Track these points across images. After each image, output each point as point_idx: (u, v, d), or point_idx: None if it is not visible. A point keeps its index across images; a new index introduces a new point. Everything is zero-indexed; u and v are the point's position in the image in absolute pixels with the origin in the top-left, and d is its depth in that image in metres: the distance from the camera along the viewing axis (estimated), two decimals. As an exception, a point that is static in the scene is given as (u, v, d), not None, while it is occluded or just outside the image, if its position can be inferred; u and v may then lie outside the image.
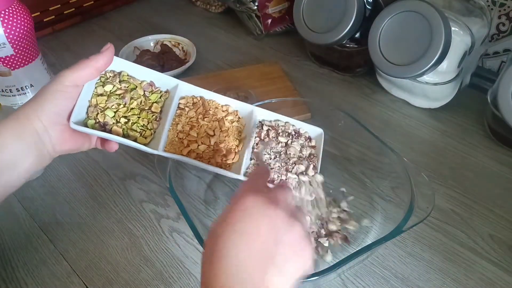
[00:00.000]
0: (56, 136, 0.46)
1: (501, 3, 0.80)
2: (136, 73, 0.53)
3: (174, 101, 0.54)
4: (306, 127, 0.62)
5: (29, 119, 0.44)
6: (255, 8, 0.98)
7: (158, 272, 0.57)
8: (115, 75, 0.52)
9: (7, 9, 0.67)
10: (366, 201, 0.63)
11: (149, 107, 0.53)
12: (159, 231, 0.61)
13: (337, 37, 0.81)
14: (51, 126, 0.46)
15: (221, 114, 0.57)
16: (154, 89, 0.54)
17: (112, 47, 0.49)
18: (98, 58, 0.47)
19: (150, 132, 0.52)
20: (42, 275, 0.56)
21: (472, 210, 0.64)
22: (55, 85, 0.45)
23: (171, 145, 0.54)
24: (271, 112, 0.61)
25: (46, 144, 0.46)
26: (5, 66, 0.70)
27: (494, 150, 0.73)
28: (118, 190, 0.67)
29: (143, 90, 0.53)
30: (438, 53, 0.69)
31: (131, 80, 0.53)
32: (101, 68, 0.48)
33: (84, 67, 0.46)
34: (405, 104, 0.83)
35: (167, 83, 0.55)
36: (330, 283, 0.55)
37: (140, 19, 1.10)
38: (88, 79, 0.48)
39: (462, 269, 0.57)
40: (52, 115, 0.45)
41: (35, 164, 0.46)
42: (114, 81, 0.51)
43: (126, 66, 0.53)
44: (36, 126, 0.45)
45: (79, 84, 0.47)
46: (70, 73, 0.46)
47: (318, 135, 0.63)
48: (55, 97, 0.45)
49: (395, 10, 0.73)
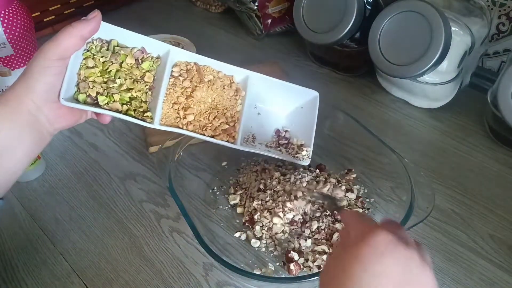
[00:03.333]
0: (52, 113, 0.44)
1: (501, 3, 0.80)
2: (125, 39, 0.50)
3: (166, 69, 0.51)
4: (300, 90, 0.60)
5: (20, 101, 0.42)
6: (255, 8, 0.98)
7: (158, 272, 0.57)
8: (103, 43, 0.49)
9: (7, 9, 0.67)
10: (366, 201, 0.63)
11: (141, 77, 0.50)
12: (159, 231, 0.61)
13: (337, 37, 0.81)
14: (44, 104, 0.43)
15: (218, 82, 0.55)
16: (145, 55, 0.51)
17: (99, 14, 0.45)
18: (84, 25, 0.44)
19: (146, 105, 0.50)
20: (42, 275, 0.56)
21: (472, 210, 0.64)
22: (41, 61, 0.42)
23: (166, 117, 0.51)
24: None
25: (43, 123, 0.44)
26: (5, 66, 0.70)
27: (494, 150, 0.73)
28: (118, 190, 0.67)
29: (133, 58, 0.50)
30: (438, 53, 0.69)
31: (121, 51, 0.49)
32: (87, 36, 0.45)
33: (68, 37, 0.43)
34: (405, 104, 0.83)
35: (158, 49, 0.52)
36: (330, 283, 0.55)
37: (140, 19, 1.09)
38: (74, 50, 0.44)
39: (462, 269, 0.57)
40: (43, 93, 0.43)
41: (35, 145, 0.45)
42: (103, 52, 0.48)
43: (113, 31, 0.49)
44: (28, 107, 0.43)
45: (66, 57, 0.44)
46: (54, 46, 0.42)
47: (313, 99, 0.61)
48: (43, 74, 0.43)
49: (395, 10, 0.73)
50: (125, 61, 0.49)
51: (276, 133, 0.60)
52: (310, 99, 0.61)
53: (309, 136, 0.60)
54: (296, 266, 0.54)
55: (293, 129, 0.61)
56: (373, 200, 0.63)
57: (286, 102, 0.61)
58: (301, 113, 0.62)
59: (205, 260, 0.58)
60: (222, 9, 1.12)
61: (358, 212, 0.40)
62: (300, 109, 0.62)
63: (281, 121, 0.62)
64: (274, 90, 0.59)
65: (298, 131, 0.61)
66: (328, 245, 0.56)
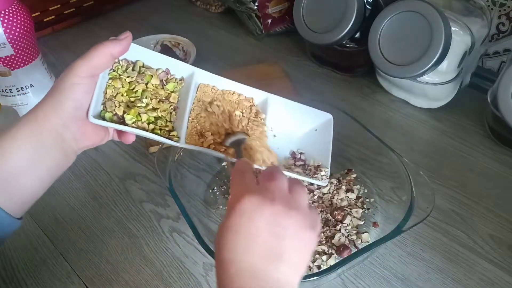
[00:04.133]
0: (78, 131, 0.44)
1: (501, 3, 0.80)
2: (150, 60, 0.51)
3: (191, 91, 0.52)
4: (314, 112, 0.61)
5: (47, 118, 0.42)
6: (255, 8, 0.98)
7: (158, 272, 0.57)
8: (128, 64, 0.49)
9: (7, 9, 0.67)
10: (366, 201, 0.63)
11: (166, 97, 0.51)
12: (159, 231, 0.61)
13: (337, 37, 0.81)
14: (71, 121, 0.43)
15: (241, 105, 0.56)
16: (169, 77, 0.52)
17: (131, 35, 0.45)
18: (115, 45, 0.44)
19: (171, 125, 0.50)
20: (42, 275, 0.56)
21: (472, 210, 0.64)
22: (71, 78, 0.42)
23: (190, 136, 0.51)
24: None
25: (68, 141, 0.43)
26: (5, 66, 0.70)
27: (494, 150, 0.73)
28: (118, 190, 0.67)
29: (158, 79, 0.51)
30: (438, 53, 0.69)
31: (147, 72, 0.50)
32: (116, 56, 0.45)
33: (99, 55, 0.43)
34: (405, 104, 0.83)
35: (182, 70, 0.53)
36: (330, 283, 0.55)
37: (140, 19, 1.10)
38: (104, 68, 0.45)
39: (462, 269, 0.57)
40: (71, 110, 0.42)
41: (58, 164, 0.44)
42: (129, 72, 0.49)
43: (139, 52, 0.50)
44: (55, 124, 0.42)
45: (95, 75, 0.44)
46: (84, 63, 0.42)
47: (327, 121, 0.61)
48: (72, 92, 0.42)
49: (395, 10, 0.73)
50: (150, 81, 0.50)
51: (292, 155, 0.61)
52: (324, 122, 0.61)
53: (326, 157, 0.60)
54: (296, 266, 0.54)
55: (308, 151, 0.61)
56: (373, 200, 0.63)
57: (300, 124, 0.62)
58: (315, 136, 0.62)
59: (205, 260, 0.58)
60: (222, 9, 1.12)
61: (243, 166, 0.41)
62: (314, 132, 0.62)
63: (295, 143, 0.62)
64: (289, 112, 0.60)
65: (313, 152, 0.61)
66: (328, 245, 0.56)
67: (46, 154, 0.43)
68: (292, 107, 0.59)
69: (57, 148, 0.43)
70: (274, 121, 0.59)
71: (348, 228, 0.58)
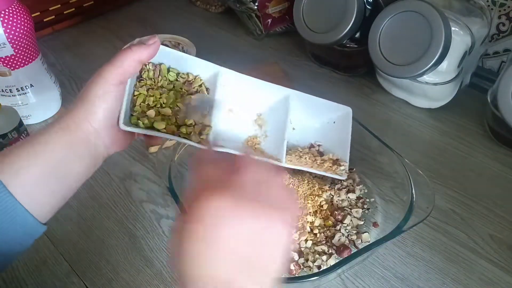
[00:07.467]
0: (109, 138, 0.44)
1: (501, 3, 0.80)
2: (176, 61, 0.50)
3: (217, 91, 0.51)
4: (332, 106, 0.61)
5: (80, 128, 0.42)
6: (255, 8, 0.98)
7: (158, 272, 0.57)
8: (155, 67, 0.49)
9: (7, 9, 0.67)
10: (367, 202, 0.63)
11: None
12: (159, 231, 0.61)
13: (337, 37, 0.81)
14: (103, 129, 0.43)
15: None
16: (194, 79, 0.52)
17: (159, 40, 0.45)
18: (143, 50, 0.44)
19: (199, 127, 0.50)
20: (42, 275, 0.56)
21: (472, 210, 0.64)
22: (102, 86, 0.42)
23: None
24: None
25: (99, 148, 0.44)
26: (5, 66, 0.70)
27: (494, 150, 0.73)
28: (118, 190, 0.67)
29: (184, 82, 0.51)
30: (438, 53, 0.69)
31: (173, 74, 0.50)
32: (144, 61, 0.45)
33: (127, 61, 0.43)
34: (405, 104, 0.83)
35: (207, 69, 0.53)
36: (330, 283, 0.55)
37: (140, 19, 1.09)
38: (132, 73, 0.44)
39: (462, 269, 0.57)
40: (103, 118, 0.42)
41: (87, 171, 0.44)
42: (155, 77, 0.49)
43: (164, 53, 0.49)
44: (87, 133, 0.42)
45: (124, 81, 0.44)
46: (114, 69, 0.42)
47: (346, 114, 0.61)
48: (104, 100, 0.42)
49: (395, 10, 0.73)
50: (176, 85, 0.50)
51: (310, 147, 0.61)
52: (342, 114, 0.62)
53: (345, 151, 0.60)
54: (296, 266, 0.54)
55: (326, 143, 0.62)
56: (373, 200, 0.63)
57: (319, 116, 0.62)
58: (333, 128, 0.62)
59: (205, 260, 0.58)
60: (222, 9, 1.12)
61: (207, 155, 0.39)
62: (332, 124, 0.63)
63: (313, 135, 0.62)
64: (309, 105, 0.60)
65: (331, 145, 0.62)
66: (328, 245, 0.56)
67: (77, 161, 0.42)
68: (311, 101, 0.60)
69: (87, 155, 0.43)
70: (294, 115, 0.59)
71: (348, 228, 0.58)
